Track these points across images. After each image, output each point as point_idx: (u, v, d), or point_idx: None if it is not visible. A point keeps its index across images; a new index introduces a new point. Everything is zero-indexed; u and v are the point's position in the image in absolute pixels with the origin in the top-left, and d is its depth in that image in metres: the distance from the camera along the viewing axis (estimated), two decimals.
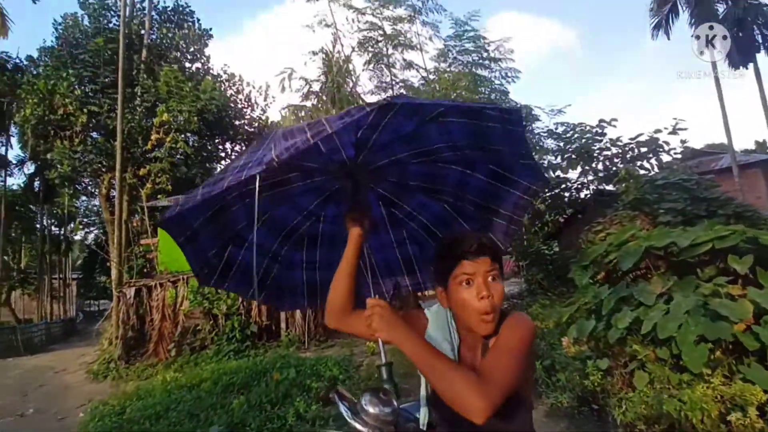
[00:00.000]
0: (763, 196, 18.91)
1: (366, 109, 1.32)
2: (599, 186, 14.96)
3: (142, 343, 13.07)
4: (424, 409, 1.59)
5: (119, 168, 15.39)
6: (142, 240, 16.73)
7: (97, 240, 33.06)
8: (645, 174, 12.59)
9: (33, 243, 32.74)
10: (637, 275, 4.91)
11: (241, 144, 20.53)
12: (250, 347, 11.91)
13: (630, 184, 11.02)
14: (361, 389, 1.67)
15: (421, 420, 1.60)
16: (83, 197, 30.11)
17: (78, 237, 38.95)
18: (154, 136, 16.44)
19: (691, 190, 9.35)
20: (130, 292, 13.16)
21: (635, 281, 4.75)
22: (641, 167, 13.47)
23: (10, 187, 27.82)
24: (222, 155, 21.13)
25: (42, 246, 29.92)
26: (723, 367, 3.64)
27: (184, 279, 12.63)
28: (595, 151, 14.53)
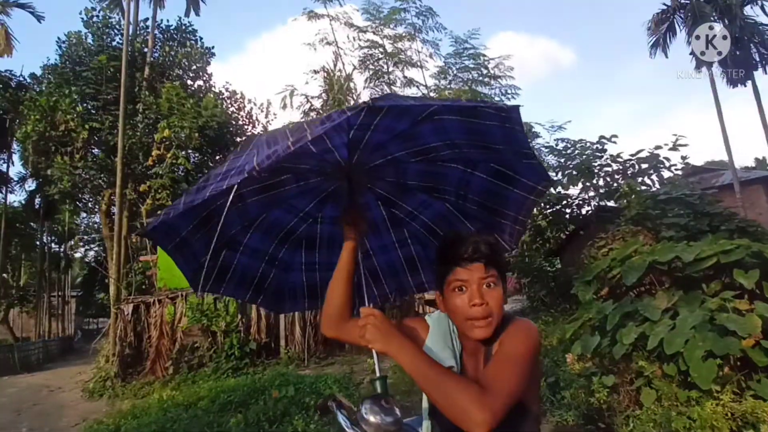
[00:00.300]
0: (765, 212, 18.85)
1: (347, 113, 1.29)
2: (601, 202, 14.98)
3: (139, 361, 12.94)
4: (426, 423, 1.52)
5: (120, 184, 15.38)
6: (141, 256, 16.67)
7: (97, 257, 33.02)
8: (647, 189, 12.59)
9: (33, 260, 32.58)
10: (641, 291, 4.85)
11: None
12: (248, 365, 11.80)
13: (632, 199, 11.01)
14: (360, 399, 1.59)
15: None
16: (83, 214, 30.08)
17: (78, 254, 39.00)
18: (155, 152, 16.43)
19: (694, 205, 9.30)
20: (128, 308, 13.07)
21: (639, 297, 4.69)
22: (642, 183, 13.47)
23: (11, 204, 27.81)
24: None
25: (41, 263, 29.76)
26: (732, 384, 3.56)
27: (182, 295, 12.53)
28: (596, 168, 14.55)
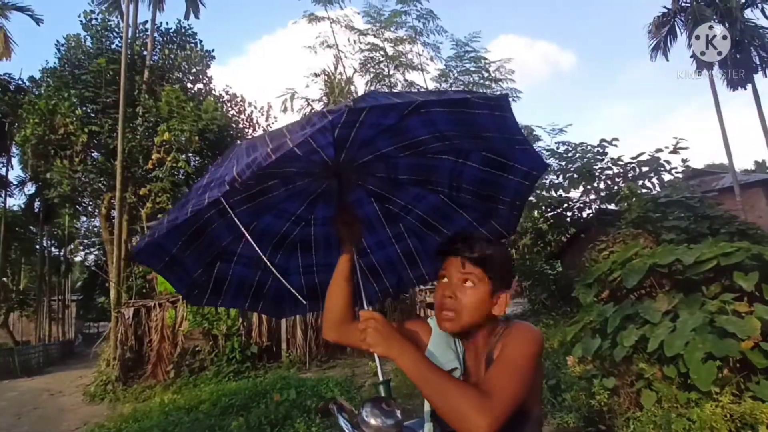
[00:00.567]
0: (765, 215, 18.87)
1: (328, 117, 1.27)
2: (601, 205, 14.96)
3: (140, 365, 12.94)
4: (428, 425, 1.52)
5: (119, 187, 15.42)
6: None
7: (98, 261, 33.02)
8: (647, 192, 12.60)
9: (33, 264, 32.57)
10: (642, 293, 4.85)
11: None
12: (250, 368, 11.79)
13: (633, 202, 11.02)
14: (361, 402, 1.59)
15: None
16: (83, 217, 30.02)
17: (78, 258, 38.97)
18: (154, 155, 16.41)
19: (694, 208, 9.33)
20: (128, 312, 13.07)
21: (640, 299, 4.69)
22: (643, 186, 13.48)
23: (10, 208, 27.81)
24: None
25: (41, 267, 29.75)
26: (731, 386, 3.57)
27: (183, 299, 12.51)
28: (597, 171, 14.55)
